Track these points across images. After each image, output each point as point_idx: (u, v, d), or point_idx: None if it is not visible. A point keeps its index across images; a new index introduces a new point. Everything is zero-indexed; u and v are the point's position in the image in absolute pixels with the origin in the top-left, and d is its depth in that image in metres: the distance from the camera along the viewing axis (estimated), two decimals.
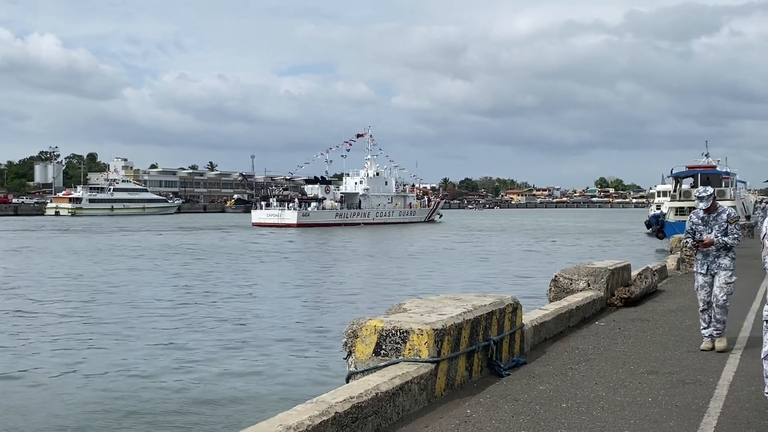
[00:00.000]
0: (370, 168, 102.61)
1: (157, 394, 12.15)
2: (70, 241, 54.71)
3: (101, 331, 18.03)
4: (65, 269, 33.52)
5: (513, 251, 46.84)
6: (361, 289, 26.83)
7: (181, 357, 14.98)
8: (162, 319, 19.66)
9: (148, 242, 54.00)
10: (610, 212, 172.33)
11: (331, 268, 35.25)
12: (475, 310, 6.95)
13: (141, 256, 40.77)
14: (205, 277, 30.47)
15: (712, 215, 8.60)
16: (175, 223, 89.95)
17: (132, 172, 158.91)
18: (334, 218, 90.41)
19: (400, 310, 6.96)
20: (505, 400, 6.29)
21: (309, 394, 6.06)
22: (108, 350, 15.66)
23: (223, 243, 54.27)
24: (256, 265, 37.00)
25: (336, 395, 5.01)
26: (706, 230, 8.58)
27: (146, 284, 27.94)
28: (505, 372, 7.21)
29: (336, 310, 21.36)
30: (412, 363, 5.99)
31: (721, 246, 8.53)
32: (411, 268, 34.65)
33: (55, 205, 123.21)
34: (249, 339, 16.90)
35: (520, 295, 9.76)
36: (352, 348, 6.19)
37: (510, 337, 7.71)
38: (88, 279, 29.55)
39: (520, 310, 8.02)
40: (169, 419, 10.83)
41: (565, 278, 12.12)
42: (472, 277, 30.90)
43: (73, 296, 24.44)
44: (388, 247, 51.33)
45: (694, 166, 53.28)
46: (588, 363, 7.92)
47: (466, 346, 6.67)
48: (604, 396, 6.52)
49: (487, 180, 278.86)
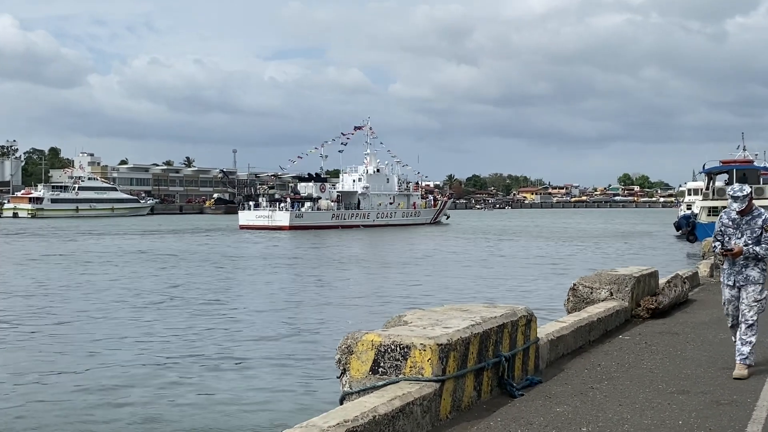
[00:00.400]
0: (370, 164, 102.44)
1: (128, 419, 12.13)
2: (30, 247, 54.66)
3: (61, 350, 18.01)
4: (24, 279, 33.47)
5: (526, 256, 46.88)
6: (358, 300, 26.83)
7: (156, 377, 14.96)
8: (133, 336, 19.64)
9: (120, 248, 53.99)
10: (635, 213, 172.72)
11: (325, 276, 35.25)
12: (484, 323, 6.94)
13: (112, 265, 40.75)
14: (184, 287, 30.45)
15: (745, 218, 8.32)
16: (149, 226, 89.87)
17: (99, 169, 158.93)
18: (330, 220, 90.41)
19: (400, 323, 6.95)
20: (518, 424, 6.28)
21: (298, 418, 6.05)
22: (70, 373, 15.63)
23: (205, 249, 54.26)
24: (242, 273, 37.01)
25: (328, 419, 5.00)
26: (736, 234, 8.32)
27: (116, 295, 27.91)
28: (518, 392, 7.20)
29: (329, 323, 21.37)
30: (413, 382, 5.99)
31: (752, 256, 8.24)
32: (413, 276, 34.67)
33: (13, 206, 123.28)
34: (231, 356, 16.88)
35: (535, 306, 9.77)
36: (346, 365, 6.18)
37: (523, 352, 7.71)
38: (52, 289, 29.53)
39: (534, 322, 8.02)
40: None
41: (585, 287, 12.12)
42: (480, 285, 30.92)
43: (35, 308, 24.40)
44: (389, 253, 51.40)
45: (729, 161, 53.48)
46: (611, 382, 7.92)
47: (474, 363, 6.66)
48: (629, 419, 6.52)
49: (498, 177, 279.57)
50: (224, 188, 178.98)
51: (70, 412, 12.44)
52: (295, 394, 13.63)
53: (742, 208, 8.25)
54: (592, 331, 10.24)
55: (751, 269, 8.32)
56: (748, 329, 8.22)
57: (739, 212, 8.31)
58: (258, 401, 13.08)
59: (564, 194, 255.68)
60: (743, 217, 8.32)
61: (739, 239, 8.27)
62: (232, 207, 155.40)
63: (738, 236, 8.30)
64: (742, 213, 8.32)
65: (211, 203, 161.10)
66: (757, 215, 8.30)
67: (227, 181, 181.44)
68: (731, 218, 8.41)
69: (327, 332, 19.56)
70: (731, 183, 48.33)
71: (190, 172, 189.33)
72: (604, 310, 11.11)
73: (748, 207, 8.30)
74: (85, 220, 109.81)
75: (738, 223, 8.34)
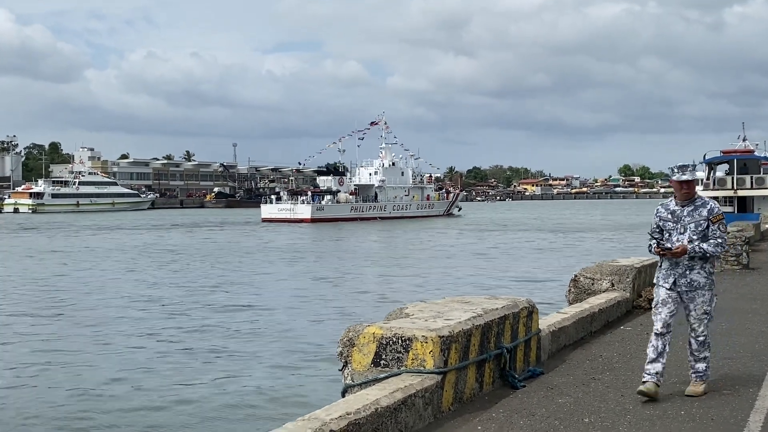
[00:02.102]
0: (385, 158, 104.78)
1: (134, 408, 12.15)
2: (34, 242, 54.69)
3: (66, 348, 18.04)
4: (32, 274, 33.51)
5: (526, 247, 46.89)
6: (364, 292, 26.83)
7: (159, 368, 14.99)
8: (142, 329, 19.67)
9: (134, 242, 54.11)
10: (636, 203, 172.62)
11: (341, 268, 35.70)
12: (486, 315, 6.94)
13: (174, 261, 40.37)
14: (196, 281, 30.48)
15: (687, 209, 6.97)
16: (168, 221, 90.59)
17: (99, 164, 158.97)
18: (349, 212, 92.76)
19: (401, 315, 6.95)
20: (520, 415, 6.29)
21: (301, 411, 6.05)
22: (78, 366, 15.66)
23: (230, 243, 54.63)
24: (265, 266, 37.33)
25: (331, 411, 5.00)
26: (677, 229, 6.96)
27: (125, 289, 27.95)
28: (519, 383, 7.21)
29: (332, 315, 21.39)
30: (415, 374, 5.99)
31: (698, 255, 6.89)
32: (421, 268, 34.70)
33: (14, 201, 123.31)
34: (233, 349, 16.90)
35: (536, 298, 9.77)
36: (348, 358, 6.19)
37: (525, 344, 7.71)
38: (63, 284, 29.55)
39: (536, 314, 8.02)
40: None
41: (586, 278, 12.13)
42: (481, 277, 30.92)
43: (45, 304, 24.44)
44: (403, 245, 52.12)
45: (730, 150, 53.31)
46: (613, 372, 7.93)
47: (476, 354, 6.66)
48: (631, 409, 6.52)
49: (498, 169, 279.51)
50: (224, 182, 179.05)
51: (97, 405, 12.49)
52: (297, 386, 13.65)
53: (690, 180, 6.92)
54: (593, 322, 10.24)
55: (697, 273, 6.95)
56: (701, 346, 7.09)
57: (680, 202, 7.01)
58: (259, 394, 13.10)
59: (564, 186, 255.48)
60: (684, 208, 6.99)
61: (682, 235, 6.94)
62: (232, 201, 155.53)
63: (680, 231, 6.96)
64: (687, 197, 6.99)
65: (211, 197, 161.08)
66: (700, 204, 6.99)
67: (228, 175, 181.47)
68: (670, 210, 7.09)
69: (330, 324, 19.57)
70: (732, 173, 48.27)
71: (191, 166, 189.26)
72: (606, 301, 11.11)
73: (690, 192, 6.98)
74: (86, 215, 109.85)
75: (679, 215, 7.00)
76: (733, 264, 18.47)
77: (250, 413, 11.99)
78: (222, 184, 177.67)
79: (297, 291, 27.24)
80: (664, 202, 7.21)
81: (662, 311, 7.00)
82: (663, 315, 6.99)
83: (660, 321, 6.98)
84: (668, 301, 6.99)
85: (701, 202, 7.00)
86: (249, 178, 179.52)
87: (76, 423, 11.65)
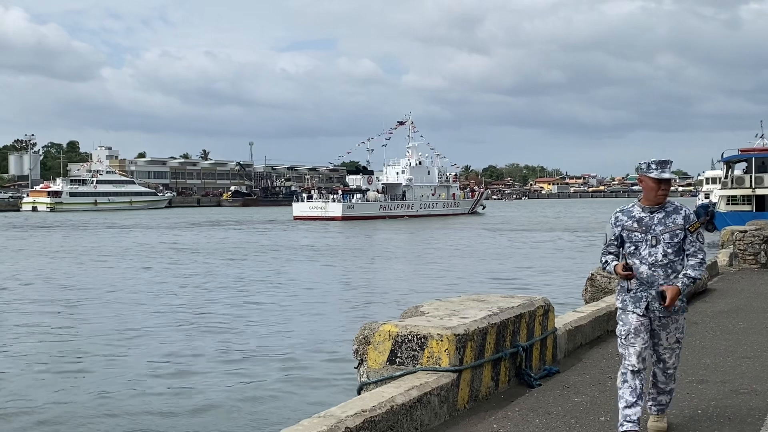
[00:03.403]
0: (412, 157, 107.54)
1: (148, 404, 12.23)
2: (82, 240, 55.18)
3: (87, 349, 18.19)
4: (86, 273, 33.77)
5: (542, 246, 46.77)
6: (379, 290, 26.87)
7: (175, 365, 15.08)
8: (159, 324, 19.80)
9: (210, 241, 54.52)
10: None
11: (369, 266, 35.99)
12: (502, 313, 6.94)
13: (244, 258, 40.51)
14: (247, 275, 30.65)
15: (657, 215, 5.57)
16: (194, 219, 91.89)
17: (117, 163, 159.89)
18: (378, 210, 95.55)
19: (417, 313, 6.96)
20: (536, 414, 6.28)
21: (316, 408, 6.07)
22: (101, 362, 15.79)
23: (284, 239, 55.65)
24: (307, 263, 37.82)
25: (346, 409, 5.02)
26: (648, 241, 5.53)
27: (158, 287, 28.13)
28: (535, 382, 7.20)
29: (349, 313, 21.45)
30: (431, 372, 6.00)
31: (688, 283, 5.52)
32: (442, 266, 34.74)
33: (32, 200, 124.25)
34: (250, 347, 16.96)
35: (552, 296, 9.75)
36: (363, 356, 6.21)
37: (541, 342, 7.70)
38: (182, 284, 29.77)
39: (552, 312, 8.01)
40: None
41: (602, 277, 12.09)
42: (496, 275, 30.87)
43: (80, 302, 24.64)
44: (429, 243, 52.59)
45: (748, 149, 52.97)
46: None
47: (491, 353, 6.66)
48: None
49: (514, 167, 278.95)
50: (241, 181, 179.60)
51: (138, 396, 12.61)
52: (312, 384, 13.69)
53: (669, 177, 5.52)
54: (610, 321, 10.19)
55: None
56: (668, 378, 5.84)
57: (648, 207, 5.60)
58: (275, 391, 13.14)
59: (581, 184, 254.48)
60: (653, 215, 5.58)
61: (654, 248, 5.53)
62: (249, 200, 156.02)
63: (652, 244, 5.54)
64: (662, 200, 5.59)
65: (228, 196, 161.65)
66: (672, 210, 5.60)
67: (244, 174, 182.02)
68: (635, 217, 5.63)
69: (347, 322, 19.61)
70: (750, 172, 47.94)
71: (207, 164, 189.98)
72: None
73: (665, 195, 5.60)
74: (104, 214, 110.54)
75: (647, 224, 5.58)
76: (751, 263, 18.38)
77: (265, 409, 12.04)
78: (238, 182, 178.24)
79: (320, 288, 27.32)
80: (624, 208, 5.72)
81: (636, 343, 5.58)
82: (638, 347, 5.58)
83: (634, 355, 5.58)
84: (641, 330, 5.58)
85: (672, 207, 5.60)
86: (265, 176, 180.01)
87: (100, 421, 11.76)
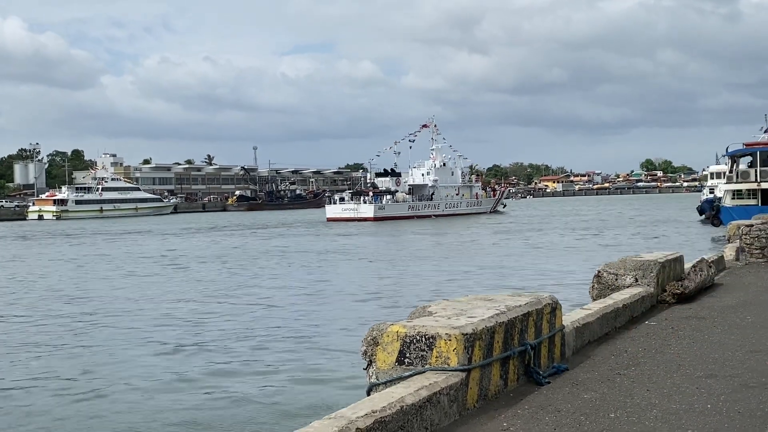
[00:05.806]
0: (436, 158, 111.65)
1: (157, 406, 12.26)
2: (136, 247, 55.69)
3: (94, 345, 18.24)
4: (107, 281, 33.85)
5: (546, 245, 46.73)
6: (389, 291, 26.89)
7: (184, 366, 15.11)
8: (171, 324, 19.85)
9: (251, 247, 54.71)
10: (659, 198, 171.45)
11: (395, 267, 36.31)
12: (509, 312, 6.95)
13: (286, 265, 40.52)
14: (234, 281, 30.69)
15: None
16: (218, 223, 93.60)
17: (122, 169, 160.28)
18: (407, 211, 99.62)
19: (424, 314, 6.97)
20: (545, 411, 6.29)
21: (326, 409, 6.09)
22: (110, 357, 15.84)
23: (328, 242, 56.47)
24: (343, 265, 38.44)
25: (357, 410, 5.04)
26: None
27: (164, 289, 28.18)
28: (544, 380, 7.20)
29: (359, 313, 21.49)
30: (440, 372, 6.01)
31: None
32: (460, 266, 34.78)
33: (38, 208, 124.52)
34: (259, 347, 17.00)
35: (559, 294, 9.74)
36: (372, 357, 6.22)
37: (549, 340, 7.71)
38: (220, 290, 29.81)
39: (559, 310, 8.01)
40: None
41: (609, 273, 12.07)
42: (501, 273, 30.86)
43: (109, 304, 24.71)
44: (452, 242, 53.47)
45: (753, 143, 52.85)
46: (638, 367, 7.89)
47: (499, 351, 6.67)
48: (657, 404, 6.49)
49: (519, 166, 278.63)
50: (246, 185, 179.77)
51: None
52: (322, 385, 13.71)
53: None
54: (617, 318, 10.20)
55: None
56: None
57: None
58: (285, 392, 13.17)
59: (586, 182, 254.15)
60: None
61: None
62: (254, 204, 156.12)
63: None
64: None
65: (233, 200, 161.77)
66: None
67: (249, 178, 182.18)
68: None
69: (357, 322, 19.62)
70: (755, 166, 47.83)
71: (212, 170, 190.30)
72: (630, 296, 11.06)
73: None
74: (110, 221, 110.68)
75: None
76: (758, 257, 18.37)
77: (275, 411, 12.06)
78: (243, 187, 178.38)
79: (329, 288, 27.36)
80: None
81: None
82: None
83: None
84: None
85: None
86: (270, 180, 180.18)
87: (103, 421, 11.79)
